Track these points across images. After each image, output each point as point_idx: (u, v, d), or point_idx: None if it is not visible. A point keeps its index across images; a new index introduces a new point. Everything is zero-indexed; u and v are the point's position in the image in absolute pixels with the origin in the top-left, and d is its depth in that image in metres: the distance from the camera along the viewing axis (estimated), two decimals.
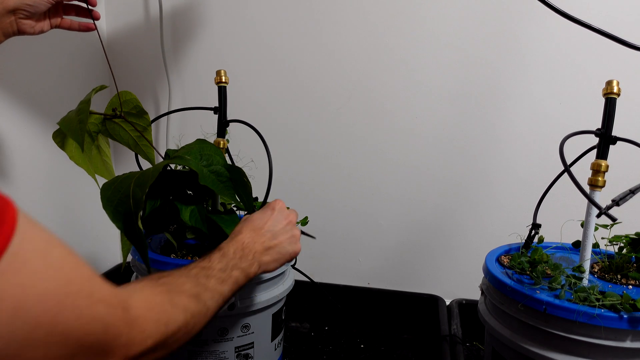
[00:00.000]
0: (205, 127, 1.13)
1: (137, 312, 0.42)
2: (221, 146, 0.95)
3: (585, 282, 0.73)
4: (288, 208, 0.78)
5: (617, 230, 0.82)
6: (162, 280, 0.50)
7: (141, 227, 0.67)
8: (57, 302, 0.34)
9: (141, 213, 0.68)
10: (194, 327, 0.51)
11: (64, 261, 0.37)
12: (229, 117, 0.97)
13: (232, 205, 0.98)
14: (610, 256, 0.84)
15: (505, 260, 0.86)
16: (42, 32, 0.82)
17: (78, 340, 0.36)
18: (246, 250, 0.65)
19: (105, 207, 0.67)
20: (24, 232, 0.33)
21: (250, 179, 0.83)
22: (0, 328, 0.31)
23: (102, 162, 0.84)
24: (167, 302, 0.47)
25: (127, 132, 0.81)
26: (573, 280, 0.71)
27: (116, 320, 0.39)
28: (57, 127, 0.75)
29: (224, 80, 0.94)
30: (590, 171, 0.74)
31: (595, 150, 0.76)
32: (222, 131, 0.96)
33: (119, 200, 0.67)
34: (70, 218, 1.29)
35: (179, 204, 0.79)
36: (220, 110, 0.95)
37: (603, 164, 0.73)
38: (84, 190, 1.31)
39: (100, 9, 1.37)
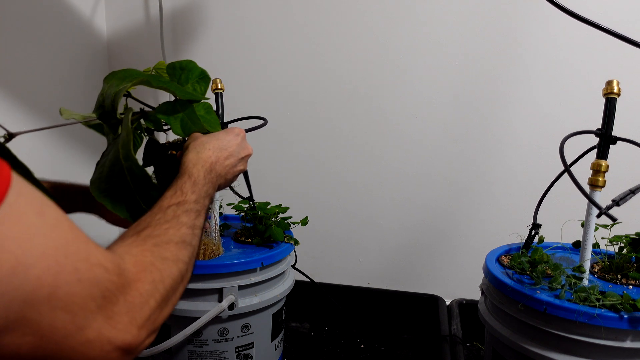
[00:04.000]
0: None
1: (130, 275, 0.41)
2: None
3: (585, 282, 0.73)
4: None
5: (617, 230, 0.82)
6: (145, 234, 0.48)
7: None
8: (56, 262, 0.33)
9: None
10: (188, 272, 0.50)
11: (60, 221, 0.35)
12: (228, 119, 0.97)
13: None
14: (610, 256, 0.84)
15: (505, 260, 0.86)
16: None
17: (81, 306, 0.34)
18: (212, 173, 0.62)
19: (99, 198, 0.58)
20: (20, 187, 0.32)
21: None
22: (0, 284, 0.30)
23: None
24: (157, 258, 0.45)
25: None
26: (573, 280, 0.71)
27: (112, 286, 0.37)
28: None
29: (219, 87, 0.95)
30: (590, 171, 0.74)
31: (595, 150, 0.76)
32: None
33: (112, 181, 0.57)
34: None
35: (164, 116, 0.68)
36: (217, 114, 0.96)
37: (603, 164, 0.73)
38: None
39: (100, 9, 1.37)
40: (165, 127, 0.75)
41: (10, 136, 0.58)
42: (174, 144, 0.75)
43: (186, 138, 0.69)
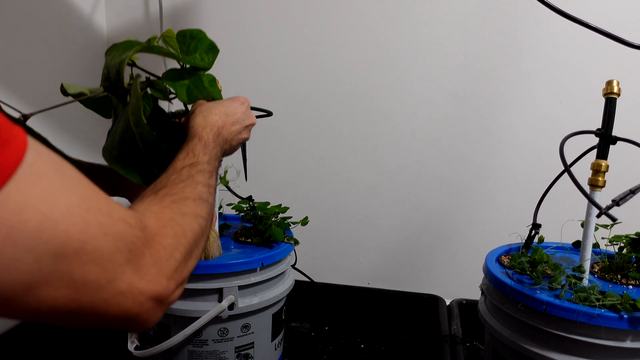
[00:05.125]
0: None
1: (153, 230, 0.42)
2: None
3: (585, 282, 0.73)
4: None
5: (617, 230, 0.82)
6: (162, 192, 0.49)
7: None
8: (81, 218, 0.34)
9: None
10: (207, 227, 0.52)
11: (80, 180, 0.36)
12: None
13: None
14: (610, 256, 0.84)
15: (505, 260, 0.86)
16: None
17: (109, 259, 0.35)
18: (220, 137, 0.64)
19: (111, 164, 0.58)
20: (38, 149, 0.33)
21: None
22: (28, 239, 0.30)
23: None
24: (177, 214, 0.46)
25: None
26: (573, 280, 0.71)
27: (137, 240, 0.38)
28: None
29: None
30: (590, 171, 0.74)
31: (595, 150, 0.76)
32: None
33: (123, 148, 0.57)
34: None
35: (170, 83, 0.68)
36: None
37: (603, 164, 0.73)
38: None
39: (100, 7, 1.37)
40: (170, 96, 0.75)
41: (25, 118, 0.60)
42: (176, 113, 0.77)
43: (189, 107, 0.70)
